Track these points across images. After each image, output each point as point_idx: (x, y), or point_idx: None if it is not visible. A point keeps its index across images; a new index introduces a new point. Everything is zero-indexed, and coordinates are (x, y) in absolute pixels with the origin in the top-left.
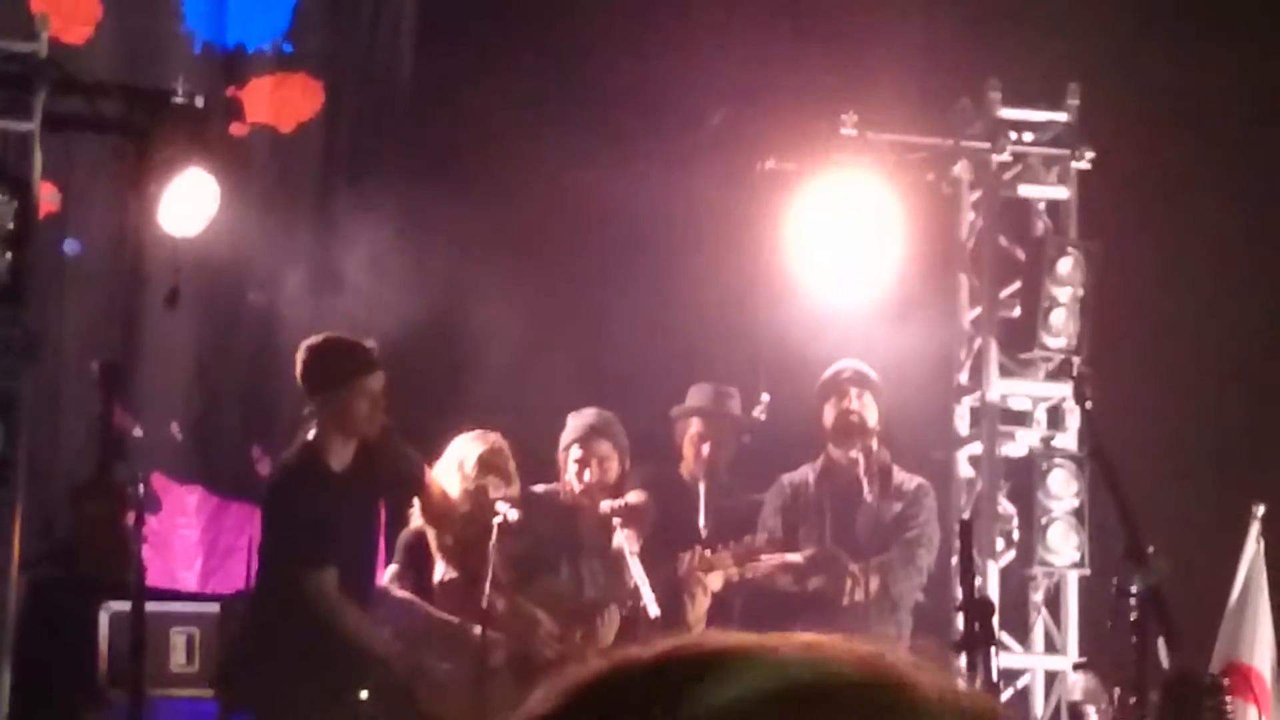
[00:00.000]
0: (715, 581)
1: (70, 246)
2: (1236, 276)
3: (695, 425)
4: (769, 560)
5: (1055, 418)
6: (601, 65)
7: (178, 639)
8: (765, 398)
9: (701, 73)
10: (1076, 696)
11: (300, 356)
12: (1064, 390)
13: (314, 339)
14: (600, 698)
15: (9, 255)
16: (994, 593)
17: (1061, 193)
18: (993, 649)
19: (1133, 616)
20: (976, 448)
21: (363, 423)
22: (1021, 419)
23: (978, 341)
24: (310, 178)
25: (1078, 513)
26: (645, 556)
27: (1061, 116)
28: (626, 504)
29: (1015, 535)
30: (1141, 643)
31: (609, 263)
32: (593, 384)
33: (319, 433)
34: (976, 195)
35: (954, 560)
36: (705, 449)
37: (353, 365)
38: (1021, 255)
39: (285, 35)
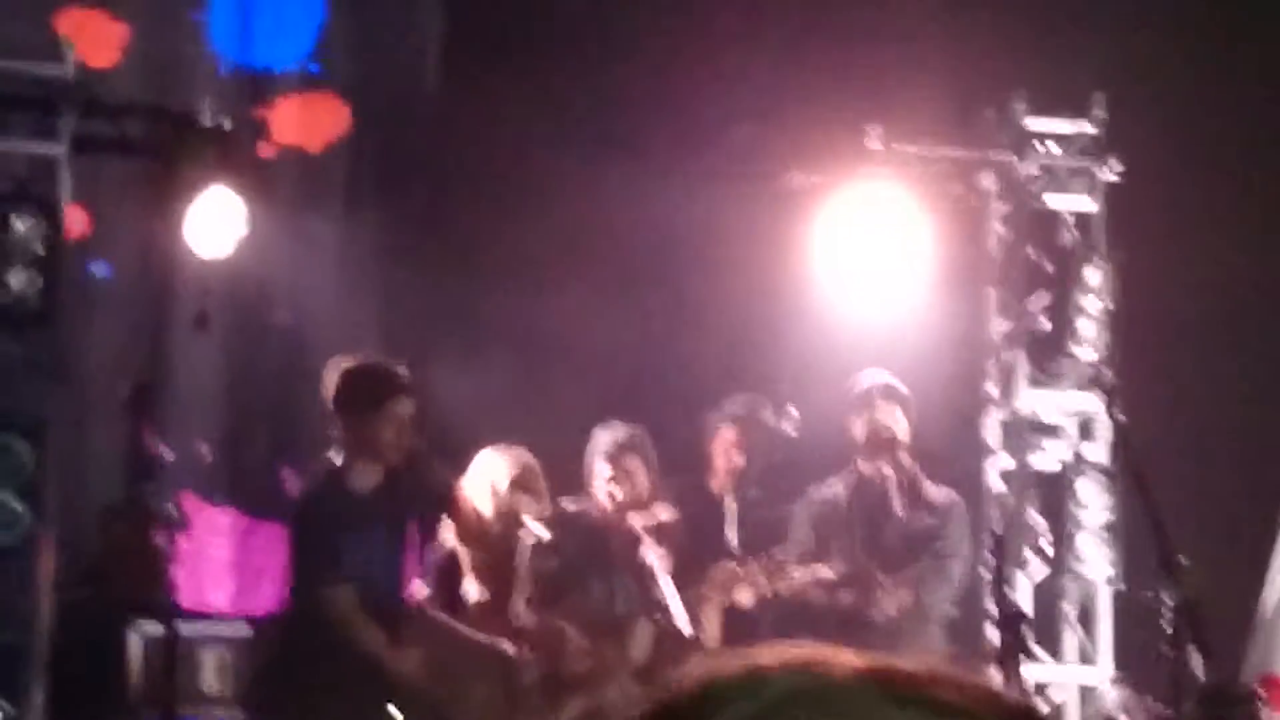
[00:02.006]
0: (745, 596)
1: (99, 269)
2: (1265, 286)
3: (730, 433)
4: (801, 576)
5: (1085, 430)
6: (627, 81)
7: (208, 659)
8: (793, 411)
9: (727, 87)
10: (1111, 709)
11: (331, 379)
12: (1094, 402)
13: (347, 362)
14: None
15: (38, 278)
16: (1025, 605)
17: (1089, 204)
18: (1025, 661)
19: (1167, 628)
20: (1006, 460)
21: (388, 448)
22: (1051, 431)
23: (1006, 354)
24: (337, 198)
25: (1109, 525)
26: (675, 571)
27: (1088, 127)
28: (658, 523)
29: (1046, 548)
30: (1176, 655)
31: (635, 278)
32: (619, 397)
33: (345, 455)
34: (1004, 207)
35: (985, 573)
36: (739, 458)
37: (383, 390)
38: (1049, 267)
39: (311, 56)
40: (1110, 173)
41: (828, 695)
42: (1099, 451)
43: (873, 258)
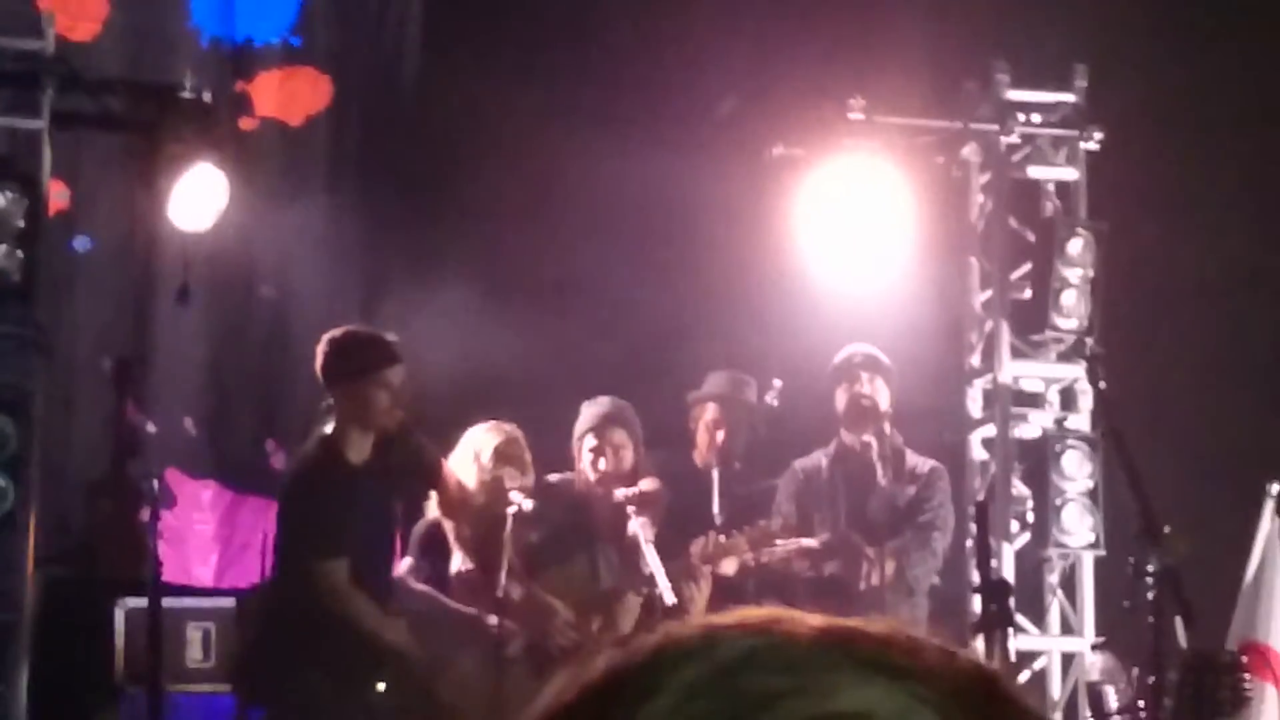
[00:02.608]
0: (729, 566)
1: (80, 244)
2: (1246, 255)
3: (711, 411)
4: (784, 545)
5: (1068, 399)
6: (609, 56)
7: (194, 634)
8: (777, 384)
9: (709, 60)
10: (1095, 676)
11: (321, 348)
12: (1076, 371)
13: (335, 331)
14: None
15: (19, 253)
16: (1009, 575)
17: (1070, 174)
18: (1009, 631)
19: (1149, 596)
20: (989, 430)
21: (381, 415)
22: (1034, 401)
23: (989, 324)
24: (319, 171)
25: (1092, 494)
26: (660, 544)
27: (1070, 98)
28: (640, 492)
29: (1029, 517)
30: (1159, 622)
31: (619, 251)
32: (605, 372)
33: (337, 425)
34: (985, 177)
35: (969, 543)
36: (720, 435)
37: (373, 358)
38: (1031, 237)
39: (292, 29)
40: (1092, 143)
41: (783, 656)
42: (1081, 421)
43: (855, 229)
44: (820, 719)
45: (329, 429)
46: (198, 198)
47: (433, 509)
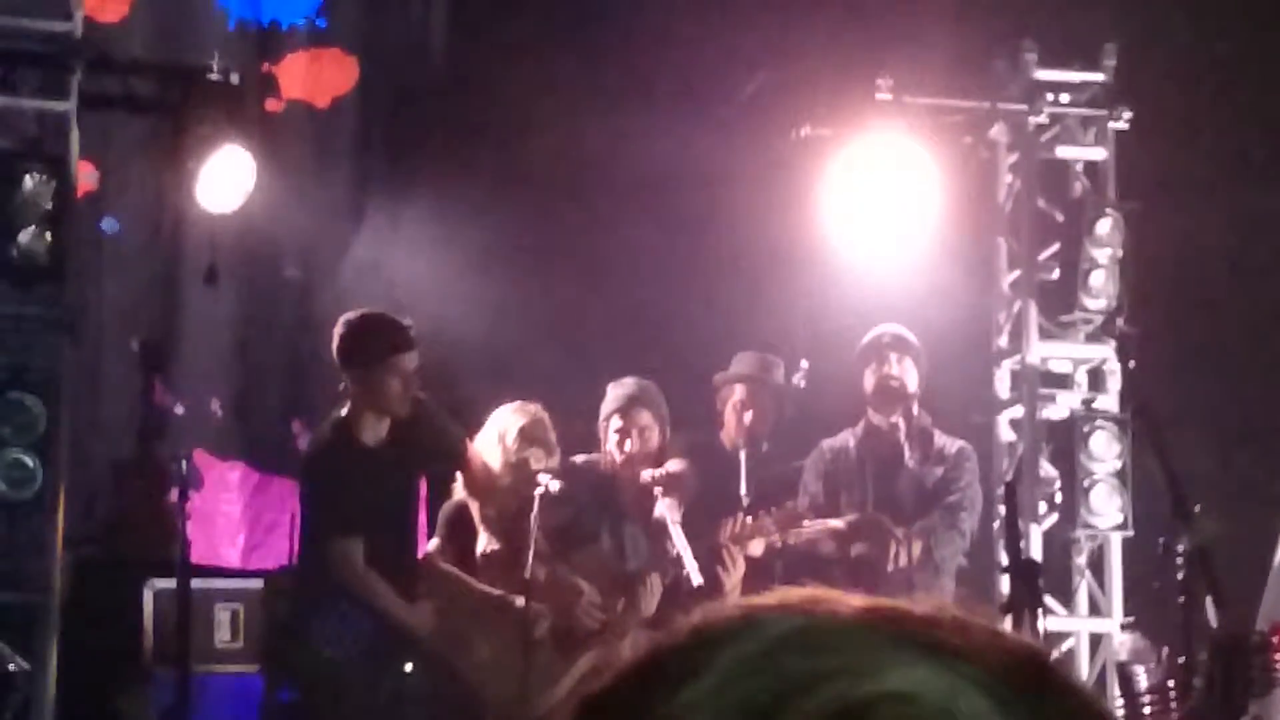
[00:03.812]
0: (756, 547)
1: (108, 225)
2: (1276, 234)
3: (738, 392)
4: (811, 526)
5: (1096, 380)
6: (636, 34)
7: (222, 615)
8: (805, 364)
9: (736, 40)
10: (1124, 657)
11: (337, 331)
12: (1104, 352)
13: (351, 315)
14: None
15: (48, 235)
16: (1037, 556)
17: (1099, 154)
18: (1038, 612)
19: (1179, 576)
20: (1017, 411)
21: (394, 400)
22: (1062, 381)
23: (1017, 304)
24: (346, 152)
25: (1120, 474)
26: (687, 525)
27: (1098, 77)
28: (668, 473)
29: (1058, 498)
30: (1188, 602)
31: (646, 232)
32: (631, 353)
33: (351, 408)
34: (1014, 157)
35: (996, 524)
36: (747, 417)
37: (387, 343)
38: (1060, 217)
39: (319, 11)
40: (1121, 122)
41: (826, 636)
42: (1110, 401)
43: (883, 210)
44: (865, 700)
45: (344, 411)
46: (225, 179)
47: (459, 490)
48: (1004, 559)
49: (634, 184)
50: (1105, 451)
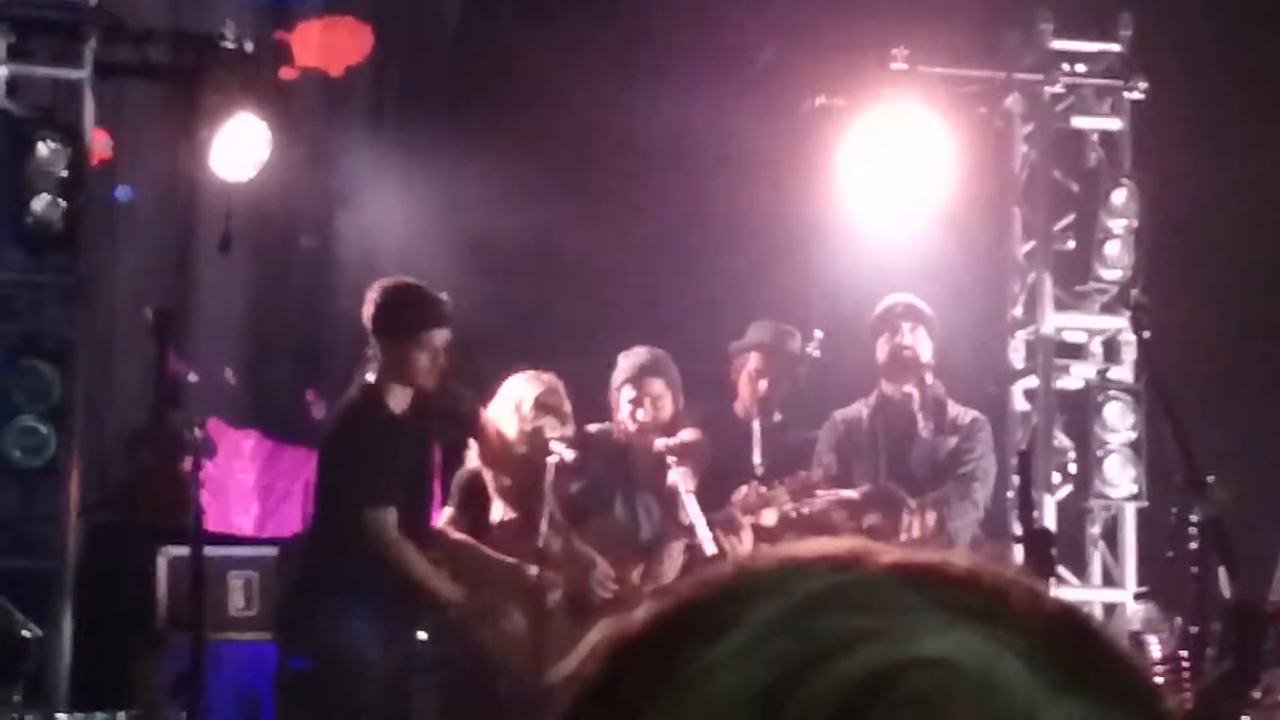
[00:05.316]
0: (770, 517)
1: (123, 193)
2: None
3: (753, 361)
4: (825, 496)
5: (1111, 350)
6: (651, 3)
7: (236, 583)
8: (819, 334)
9: (750, 9)
10: (1137, 626)
11: (371, 297)
12: (1119, 322)
13: (388, 282)
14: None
15: (62, 203)
16: (1051, 526)
17: (1115, 124)
18: (1051, 581)
19: (1193, 546)
20: (1031, 381)
21: (421, 375)
22: (1077, 352)
23: (1032, 275)
24: (360, 120)
25: (1134, 445)
26: (700, 494)
27: (1114, 47)
28: (681, 442)
29: (1071, 468)
30: (1202, 572)
31: (659, 202)
32: (645, 322)
33: (379, 376)
34: (1029, 128)
35: (1010, 494)
36: (762, 385)
37: (423, 317)
38: (1075, 187)
39: None
40: (1136, 92)
41: (864, 595)
42: (1124, 372)
43: (897, 180)
44: (900, 664)
45: (370, 377)
46: (239, 147)
47: (473, 459)
48: (1018, 529)
49: (648, 153)
50: (1119, 422)
